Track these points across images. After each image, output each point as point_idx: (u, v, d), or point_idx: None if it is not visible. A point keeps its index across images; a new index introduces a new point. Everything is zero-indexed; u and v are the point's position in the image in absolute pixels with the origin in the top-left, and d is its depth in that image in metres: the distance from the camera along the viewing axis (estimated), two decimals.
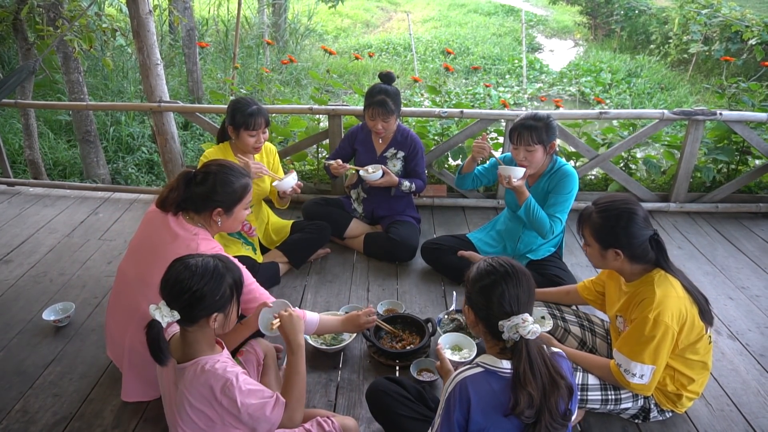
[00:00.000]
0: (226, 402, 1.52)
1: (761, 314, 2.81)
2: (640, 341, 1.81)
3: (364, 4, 17.22)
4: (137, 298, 2.00)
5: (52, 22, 4.31)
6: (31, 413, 2.13)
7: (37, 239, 3.53)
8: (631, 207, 1.88)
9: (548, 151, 2.69)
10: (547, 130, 2.64)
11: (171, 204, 1.98)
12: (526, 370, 1.38)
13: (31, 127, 4.67)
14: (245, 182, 2.06)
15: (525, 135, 2.63)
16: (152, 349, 1.51)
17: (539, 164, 2.71)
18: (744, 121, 3.69)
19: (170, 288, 1.54)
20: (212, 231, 2.07)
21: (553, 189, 2.73)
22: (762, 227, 3.76)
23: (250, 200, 2.11)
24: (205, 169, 2.02)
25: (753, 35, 8.75)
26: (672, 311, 1.79)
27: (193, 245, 1.92)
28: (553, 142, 2.68)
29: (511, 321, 1.41)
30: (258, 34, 9.82)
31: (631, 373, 1.84)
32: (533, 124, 2.63)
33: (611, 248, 1.89)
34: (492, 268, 1.48)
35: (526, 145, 2.64)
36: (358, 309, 2.71)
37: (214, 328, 1.61)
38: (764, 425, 2.10)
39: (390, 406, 1.85)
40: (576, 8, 15.51)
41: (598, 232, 1.91)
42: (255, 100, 2.81)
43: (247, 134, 2.74)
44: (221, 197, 1.99)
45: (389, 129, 3.13)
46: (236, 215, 2.08)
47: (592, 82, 9.94)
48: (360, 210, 3.40)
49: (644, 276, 1.91)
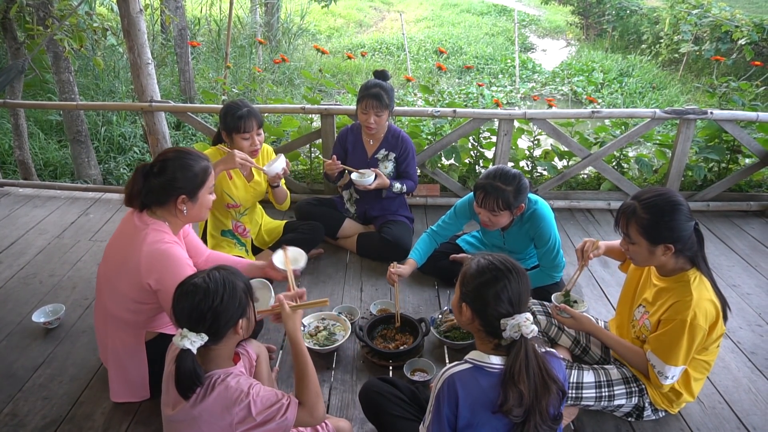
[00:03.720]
0: (241, 413, 1.49)
1: (752, 312, 2.83)
2: (676, 346, 1.81)
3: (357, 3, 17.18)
4: (105, 299, 2.01)
5: (42, 21, 4.27)
6: (21, 416, 2.10)
7: (27, 240, 3.49)
8: (677, 199, 1.82)
9: (515, 214, 2.45)
10: (516, 194, 2.35)
11: (135, 200, 1.95)
12: (522, 369, 1.38)
13: (21, 128, 4.62)
14: (205, 165, 2.00)
15: (490, 200, 2.36)
16: (185, 382, 1.45)
17: (503, 224, 2.50)
18: (734, 120, 3.71)
19: (189, 314, 1.49)
20: (179, 222, 2.03)
21: (534, 236, 2.58)
22: (753, 225, 3.79)
23: (213, 183, 2.05)
24: (161, 157, 1.96)
25: (742, 35, 8.82)
26: (705, 313, 1.80)
27: (141, 235, 1.90)
28: (522, 205, 2.42)
29: (514, 319, 1.41)
30: (250, 34, 9.78)
31: (665, 375, 1.85)
32: (501, 187, 2.34)
33: (661, 244, 1.82)
34: (492, 264, 1.46)
35: (491, 210, 2.39)
36: (352, 309, 2.71)
37: (242, 334, 1.58)
38: (755, 422, 2.12)
39: (383, 407, 1.84)
40: (568, 8, 15.56)
41: (647, 229, 1.82)
42: (246, 102, 2.76)
43: (240, 138, 2.70)
44: (182, 183, 1.93)
45: (381, 125, 3.09)
46: (201, 201, 2.01)
47: (584, 82, 9.98)
48: (353, 210, 3.39)
49: (681, 274, 1.88)
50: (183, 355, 1.45)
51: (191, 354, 1.45)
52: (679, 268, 1.89)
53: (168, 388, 1.58)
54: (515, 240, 2.70)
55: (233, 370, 1.59)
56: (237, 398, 1.49)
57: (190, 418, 1.51)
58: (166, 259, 1.89)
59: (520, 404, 1.36)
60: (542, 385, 1.39)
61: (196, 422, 1.51)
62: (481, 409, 1.40)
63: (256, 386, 1.54)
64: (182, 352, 1.45)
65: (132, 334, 2.02)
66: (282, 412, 1.51)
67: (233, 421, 1.49)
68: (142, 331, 2.03)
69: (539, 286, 2.63)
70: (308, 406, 1.58)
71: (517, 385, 1.36)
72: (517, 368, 1.37)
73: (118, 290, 1.95)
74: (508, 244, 2.76)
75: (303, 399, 1.59)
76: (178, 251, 1.94)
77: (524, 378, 1.37)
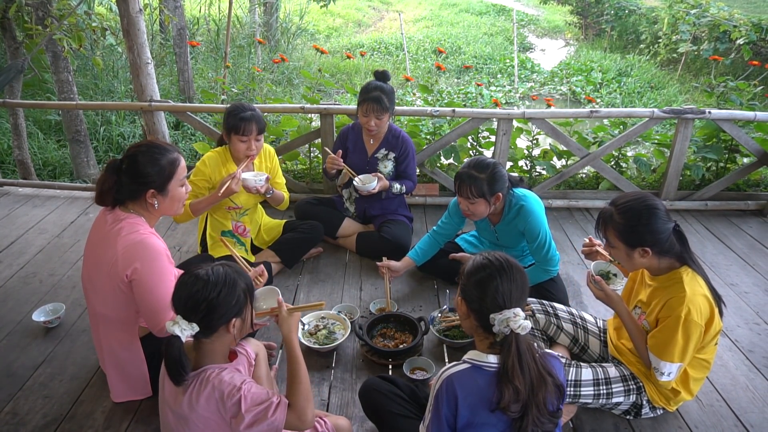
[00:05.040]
0: (232, 408, 1.50)
1: (750, 310, 2.84)
2: (671, 341, 1.82)
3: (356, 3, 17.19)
4: (93, 301, 2.01)
5: (41, 20, 4.27)
6: (21, 415, 2.11)
7: (27, 240, 3.49)
8: (652, 203, 1.85)
9: (493, 203, 2.50)
10: (490, 182, 2.42)
11: (107, 197, 1.95)
12: (515, 364, 1.39)
13: (20, 127, 4.62)
14: (172, 157, 1.98)
15: (464, 187, 2.44)
16: (171, 368, 1.48)
17: (484, 215, 2.55)
18: (732, 119, 3.72)
19: (185, 302, 1.51)
20: (152, 217, 2.02)
21: (524, 230, 2.60)
22: (750, 224, 3.81)
23: (183, 175, 2.04)
24: (130, 152, 1.95)
25: (741, 35, 8.84)
26: (699, 309, 1.81)
27: (116, 229, 1.90)
28: (498, 194, 2.46)
29: (502, 314, 1.43)
30: (249, 34, 9.78)
31: (660, 371, 1.87)
32: (474, 175, 2.42)
33: (638, 247, 1.86)
34: (488, 261, 1.50)
35: (466, 197, 2.46)
36: (351, 308, 2.72)
37: (233, 334, 1.59)
38: (753, 420, 2.13)
39: (383, 405, 1.85)
40: (567, 8, 15.58)
41: (623, 233, 1.87)
42: (253, 106, 2.76)
43: (237, 138, 2.69)
44: (151, 177, 1.93)
45: (381, 127, 3.12)
46: (172, 194, 2.00)
47: (583, 82, 10.00)
48: (352, 209, 3.40)
49: (672, 272, 1.90)
50: (171, 340, 1.47)
51: (179, 341, 1.47)
52: (669, 267, 1.92)
53: (164, 383, 1.59)
54: (507, 235, 2.73)
55: (228, 366, 1.60)
56: (229, 392, 1.50)
57: (188, 413, 1.52)
58: (142, 249, 1.88)
59: (517, 399, 1.37)
60: (538, 378, 1.40)
61: (193, 417, 1.52)
62: (480, 409, 1.41)
63: (249, 383, 1.55)
64: (171, 337, 1.48)
65: (125, 331, 2.02)
66: (271, 411, 1.51)
67: (227, 415, 1.50)
68: (134, 327, 2.04)
69: (537, 282, 2.64)
70: (298, 409, 1.58)
71: (512, 380, 1.37)
72: (510, 364, 1.39)
73: (102, 290, 1.95)
74: (501, 239, 2.79)
75: (293, 401, 1.59)
76: (154, 241, 1.93)
77: (518, 373, 1.38)
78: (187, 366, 1.50)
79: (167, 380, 1.55)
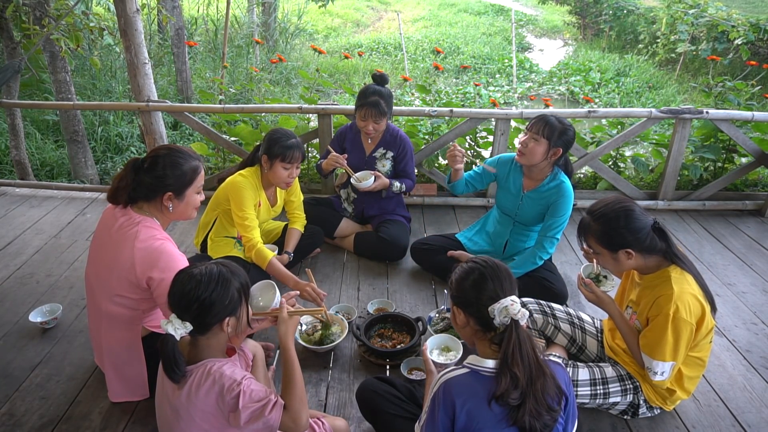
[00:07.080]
0: (231, 402, 1.50)
1: (747, 310, 2.84)
2: (661, 340, 1.83)
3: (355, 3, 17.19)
4: (98, 298, 2.00)
5: (39, 20, 4.26)
6: (18, 416, 2.11)
7: (24, 240, 3.49)
8: (625, 205, 1.89)
9: (549, 156, 2.63)
10: (561, 134, 2.58)
11: (122, 195, 1.95)
12: (515, 352, 1.40)
13: (17, 127, 4.61)
14: (195, 165, 2.01)
15: (540, 124, 2.59)
16: (167, 366, 1.50)
17: (533, 161, 2.65)
18: (730, 119, 3.73)
19: (178, 301, 1.53)
20: (165, 219, 2.03)
21: (552, 205, 2.70)
22: (748, 224, 3.81)
23: (201, 184, 2.06)
24: (153, 153, 1.97)
25: (739, 35, 8.85)
26: (689, 307, 1.81)
27: (132, 232, 1.90)
28: (559, 149, 2.61)
29: (500, 303, 1.44)
30: (247, 34, 9.77)
31: (653, 371, 1.87)
32: (553, 121, 2.57)
33: (621, 250, 1.89)
34: (474, 264, 1.54)
35: (535, 132, 2.59)
36: (349, 308, 2.72)
37: (228, 333, 1.59)
38: (750, 420, 2.13)
39: (380, 406, 1.85)
40: (565, 8, 15.59)
41: (602, 238, 1.92)
42: (293, 134, 2.80)
43: (281, 166, 2.74)
44: (171, 180, 1.94)
45: (379, 131, 3.13)
46: (188, 200, 2.02)
47: (581, 82, 10.00)
48: (350, 209, 3.40)
49: (660, 271, 1.92)
50: (166, 338, 1.49)
51: (173, 339, 1.49)
52: (657, 266, 1.93)
53: (163, 378, 1.60)
54: (530, 207, 2.78)
55: (227, 360, 1.60)
56: (229, 386, 1.50)
57: (186, 405, 1.52)
58: (160, 255, 1.89)
59: (516, 386, 1.38)
60: (537, 368, 1.41)
61: (191, 410, 1.52)
62: (477, 413, 1.41)
63: (250, 379, 1.55)
64: (166, 335, 1.49)
65: (128, 330, 2.02)
66: (268, 409, 1.52)
67: (226, 409, 1.50)
68: (138, 327, 2.04)
69: (525, 270, 2.71)
70: (292, 412, 1.59)
71: (512, 368, 1.39)
72: (511, 351, 1.40)
73: (112, 288, 1.95)
74: (521, 212, 2.83)
75: (288, 404, 1.60)
76: (171, 247, 1.95)
77: (518, 360, 1.40)
78: (181, 363, 1.51)
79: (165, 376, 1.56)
